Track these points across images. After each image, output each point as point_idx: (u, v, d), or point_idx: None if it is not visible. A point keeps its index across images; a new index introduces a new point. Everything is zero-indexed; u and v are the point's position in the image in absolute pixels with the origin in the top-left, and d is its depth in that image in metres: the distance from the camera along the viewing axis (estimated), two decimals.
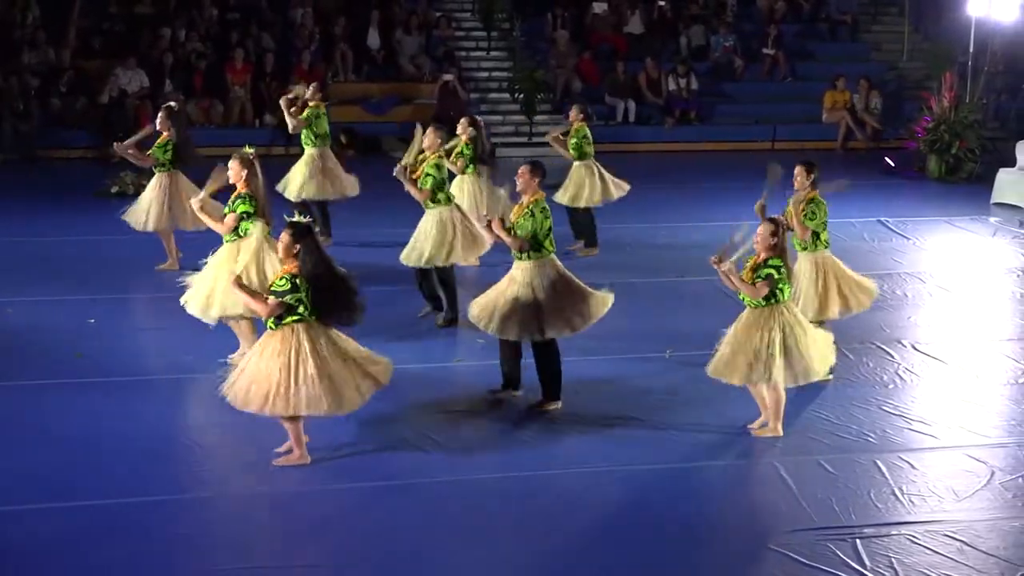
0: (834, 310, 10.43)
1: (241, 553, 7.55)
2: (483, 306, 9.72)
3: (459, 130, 13.51)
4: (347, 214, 15.06)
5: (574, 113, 14.79)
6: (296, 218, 8.53)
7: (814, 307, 10.30)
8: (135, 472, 8.47)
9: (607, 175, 14.62)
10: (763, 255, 9.03)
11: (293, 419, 8.47)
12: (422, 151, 11.87)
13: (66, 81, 20.82)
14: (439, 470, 8.61)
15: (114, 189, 16.93)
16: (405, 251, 11.72)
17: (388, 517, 7.93)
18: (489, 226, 9.69)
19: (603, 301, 9.81)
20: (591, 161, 14.62)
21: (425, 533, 7.73)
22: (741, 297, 9.15)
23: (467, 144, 13.37)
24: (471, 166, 13.48)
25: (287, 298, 8.30)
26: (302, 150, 14.73)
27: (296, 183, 14.45)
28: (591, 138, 14.72)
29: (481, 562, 7.43)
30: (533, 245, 9.54)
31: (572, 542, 7.69)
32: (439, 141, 11.94)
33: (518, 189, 9.73)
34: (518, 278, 9.61)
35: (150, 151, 13.33)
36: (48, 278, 13.01)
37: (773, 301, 9.04)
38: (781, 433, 9.26)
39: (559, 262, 9.77)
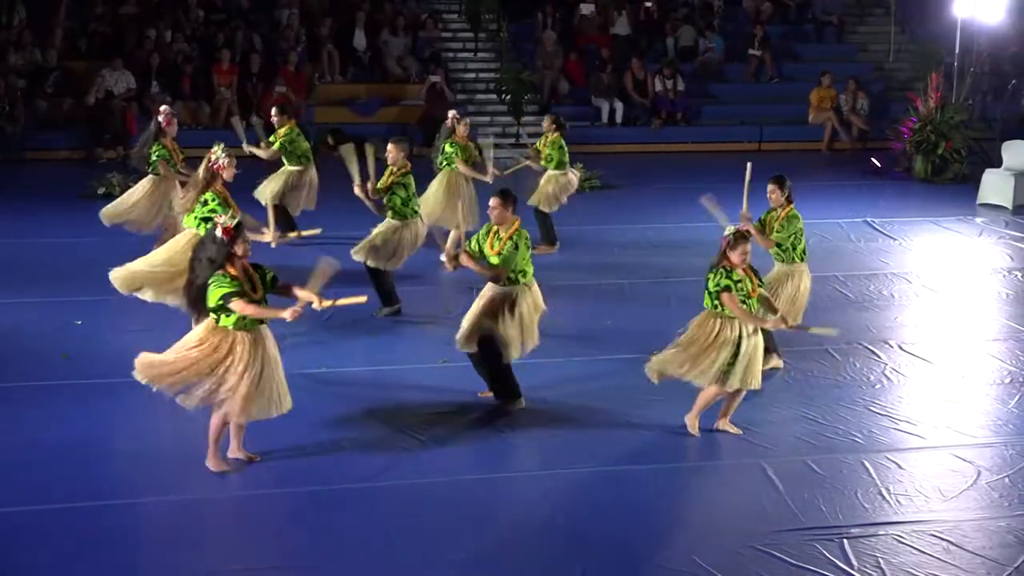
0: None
1: (213, 554, 7.56)
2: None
3: (459, 131, 13.68)
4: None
5: (547, 123, 14.80)
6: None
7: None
8: (118, 474, 8.46)
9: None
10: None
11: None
12: (387, 168, 11.78)
13: (52, 82, 20.76)
14: (410, 472, 8.58)
15: (100, 190, 16.87)
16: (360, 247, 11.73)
17: (360, 519, 7.89)
18: (458, 260, 9.45)
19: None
20: (566, 169, 14.62)
21: (395, 535, 7.70)
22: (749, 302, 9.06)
23: (473, 143, 13.48)
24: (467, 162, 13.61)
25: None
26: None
27: (272, 189, 14.45)
28: (566, 148, 14.71)
29: (454, 564, 7.39)
30: (512, 275, 9.41)
31: (555, 543, 7.67)
32: (402, 154, 11.83)
33: (494, 223, 9.46)
34: (487, 295, 9.51)
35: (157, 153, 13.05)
36: (34, 279, 12.95)
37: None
38: (696, 431, 9.20)
39: (536, 288, 9.64)
